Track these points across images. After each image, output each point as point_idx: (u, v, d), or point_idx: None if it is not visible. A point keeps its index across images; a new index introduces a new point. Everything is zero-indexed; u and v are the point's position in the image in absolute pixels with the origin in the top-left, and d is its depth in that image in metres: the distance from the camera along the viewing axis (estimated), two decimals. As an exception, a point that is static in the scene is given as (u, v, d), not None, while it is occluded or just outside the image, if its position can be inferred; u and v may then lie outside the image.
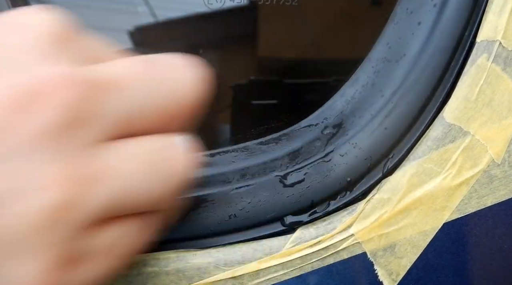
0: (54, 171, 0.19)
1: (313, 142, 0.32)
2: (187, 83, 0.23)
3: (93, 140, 0.20)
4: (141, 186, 0.22)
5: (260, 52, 0.45)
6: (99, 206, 0.21)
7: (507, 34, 0.31)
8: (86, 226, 0.20)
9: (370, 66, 0.33)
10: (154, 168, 0.22)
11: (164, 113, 0.23)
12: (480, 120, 0.31)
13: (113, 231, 0.22)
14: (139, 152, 0.22)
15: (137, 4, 0.43)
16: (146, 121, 0.22)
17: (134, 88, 0.22)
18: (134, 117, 0.22)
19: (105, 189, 0.21)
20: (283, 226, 0.31)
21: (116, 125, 0.21)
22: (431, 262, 0.31)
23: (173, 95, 0.23)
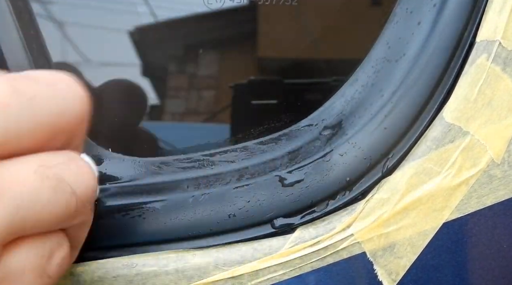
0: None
1: (312, 142, 0.32)
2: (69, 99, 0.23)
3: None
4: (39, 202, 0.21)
5: (260, 52, 0.45)
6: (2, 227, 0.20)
7: (506, 34, 0.31)
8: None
9: (370, 66, 0.33)
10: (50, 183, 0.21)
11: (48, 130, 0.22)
12: (479, 120, 0.31)
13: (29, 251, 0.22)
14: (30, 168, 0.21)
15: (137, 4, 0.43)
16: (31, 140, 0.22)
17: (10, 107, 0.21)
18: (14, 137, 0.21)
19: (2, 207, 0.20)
20: (272, 228, 0.31)
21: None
22: (431, 262, 0.31)
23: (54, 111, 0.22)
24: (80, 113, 0.23)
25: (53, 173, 0.22)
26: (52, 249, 0.23)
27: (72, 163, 0.23)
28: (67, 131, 0.23)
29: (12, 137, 0.21)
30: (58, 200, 0.22)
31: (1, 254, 0.21)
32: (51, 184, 0.21)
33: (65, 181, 0.22)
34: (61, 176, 0.22)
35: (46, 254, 0.22)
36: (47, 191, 0.21)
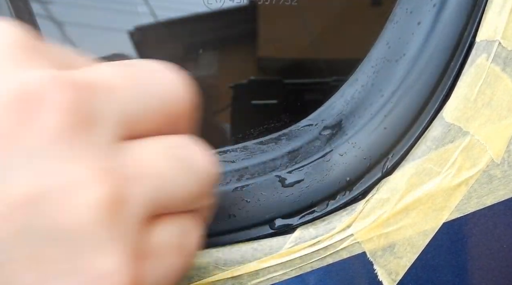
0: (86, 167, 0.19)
1: (312, 142, 0.33)
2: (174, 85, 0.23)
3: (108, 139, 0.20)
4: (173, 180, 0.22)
5: (260, 52, 0.45)
6: (145, 201, 0.20)
7: (506, 34, 0.31)
8: (141, 220, 0.20)
9: (370, 66, 0.33)
10: (180, 163, 0.22)
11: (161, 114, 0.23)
12: (479, 120, 0.31)
13: (167, 228, 0.22)
14: (160, 148, 0.22)
15: (137, 4, 0.43)
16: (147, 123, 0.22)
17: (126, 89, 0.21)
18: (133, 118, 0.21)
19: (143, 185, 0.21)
20: (271, 229, 0.31)
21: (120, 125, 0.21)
22: (431, 262, 0.31)
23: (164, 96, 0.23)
24: (186, 100, 0.24)
25: (180, 153, 0.22)
26: (190, 228, 0.23)
27: (191, 146, 0.23)
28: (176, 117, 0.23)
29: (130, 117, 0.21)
30: (189, 179, 0.22)
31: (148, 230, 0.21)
32: (181, 164, 0.22)
33: (191, 161, 0.23)
34: (187, 156, 0.23)
35: (186, 232, 0.23)
36: (178, 171, 0.22)
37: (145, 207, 0.21)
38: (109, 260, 0.19)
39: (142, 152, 0.21)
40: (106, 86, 0.21)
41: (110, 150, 0.20)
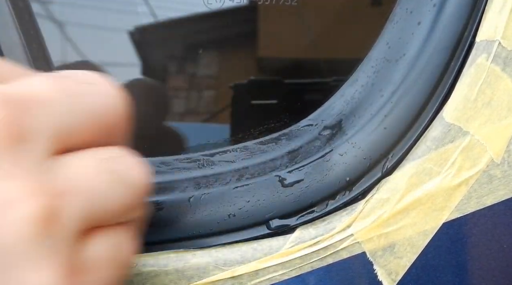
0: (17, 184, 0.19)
1: (312, 142, 0.32)
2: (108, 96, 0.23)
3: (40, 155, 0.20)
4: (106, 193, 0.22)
5: (260, 52, 0.45)
6: (78, 216, 0.20)
7: (506, 34, 0.31)
8: (74, 235, 0.20)
9: (369, 66, 0.33)
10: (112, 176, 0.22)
11: (95, 126, 0.23)
12: (479, 120, 0.31)
13: (101, 242, 0.22)
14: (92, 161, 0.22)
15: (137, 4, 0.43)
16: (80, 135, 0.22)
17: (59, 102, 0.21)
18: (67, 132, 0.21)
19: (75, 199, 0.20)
20: (268, 229, 0.31)
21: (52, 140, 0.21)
22: (431, 262, 0.31)
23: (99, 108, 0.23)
24: (120, 111, 0.24)
25: (112, 166, 0.22)
26: (123, 240, 0.23)
27: (124, 157, 0.23)
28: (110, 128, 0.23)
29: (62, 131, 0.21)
30: (121, 191, 0.22)
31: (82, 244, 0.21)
32: (113, 177, 0.22)
33: (123, 173, 0.23)
34: (119, 169, 0.23)
35: (119, 244, 0.23)
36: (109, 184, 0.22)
37: (78, 221, 0.21)
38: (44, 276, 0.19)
39: (74, 166, 0.21)
40: (39, 100, 0.21)
41: (42, 165, 0.20)
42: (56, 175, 0.20)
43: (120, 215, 0.23)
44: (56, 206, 0.20)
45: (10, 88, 0.21)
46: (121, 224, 0.23)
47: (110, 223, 0.23)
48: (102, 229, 0.22)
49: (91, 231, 0.22)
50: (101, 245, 0.22)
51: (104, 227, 0.23)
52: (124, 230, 0.24)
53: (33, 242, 0.19)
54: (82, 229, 0.21)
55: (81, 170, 0.21)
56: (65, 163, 0.21)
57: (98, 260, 0.22)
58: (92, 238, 0.22)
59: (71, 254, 0.20)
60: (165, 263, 0.30)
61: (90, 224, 0.21)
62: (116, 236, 0.23)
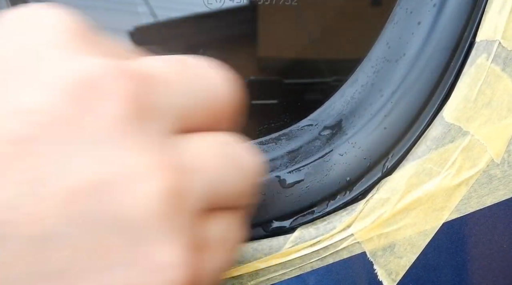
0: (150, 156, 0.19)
1: (312, 142, 0.32)
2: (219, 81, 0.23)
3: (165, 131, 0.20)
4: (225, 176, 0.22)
5: (260, 52, 0.45)
6: (201, 195, 0.21)
7: (506, 34, 0.31)
8: (197, 212, 0.21)
9: (369, 66, 0.33)
10: (230, 159, 0.22)
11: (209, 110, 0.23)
12: (479, 120, 0.31)
13: (219, 222, 0.22)
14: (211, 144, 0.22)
15: (137, 4, 0.43)
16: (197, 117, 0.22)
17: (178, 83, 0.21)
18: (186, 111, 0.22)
19: (200, 175, 0.21)
20: (265, 231, 0.31)
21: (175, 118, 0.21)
22: (431, 262, 0.31)
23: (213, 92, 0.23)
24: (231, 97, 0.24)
25: (230, 150, 0.23)
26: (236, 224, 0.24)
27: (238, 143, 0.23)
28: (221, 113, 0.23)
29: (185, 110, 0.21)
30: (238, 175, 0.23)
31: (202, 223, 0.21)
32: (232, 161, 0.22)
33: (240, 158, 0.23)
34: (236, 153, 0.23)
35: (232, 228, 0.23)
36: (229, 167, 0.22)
37: (201, 200, 0.21)
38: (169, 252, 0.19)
39: (196, 146, 0.21)
40: (161, 79, 0.21)
41: (168, 141, 0.20)
42: (181, 153, 0.20)
43: (235, 199, 0.23)
44: (183, 183, 0.20)
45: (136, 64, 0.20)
46: (233, 209, 0.24)
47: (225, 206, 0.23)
48: (218, 211, 0.23)
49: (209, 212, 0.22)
50: (217, 226, 0.22)
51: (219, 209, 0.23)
52: (236, 215, 0.24)
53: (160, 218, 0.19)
54: (204, 208, 0.21)
55: (204, 151, 0.21)
56: (187, 142, 0.21)
57: (214, 241, 0.22)
58: (209, 219, 0.22)
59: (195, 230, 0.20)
60: (165, 263, 0.30)
61: (210, 204, 0.22)
62: (230, 219, 0.23)
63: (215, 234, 0.22)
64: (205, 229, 0.22)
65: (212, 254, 0.22)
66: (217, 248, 0.22)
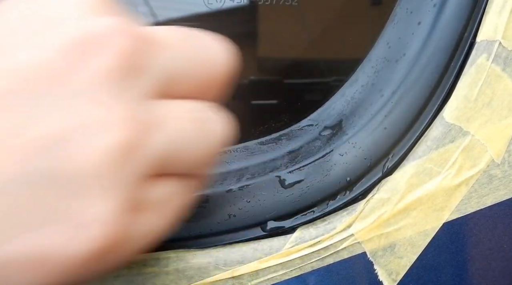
0: (116, 112, 0.20)
1: (312, 142, 0.32)
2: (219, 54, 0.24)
3: (146, 91, 0.21)
4: (189, 141, 0.22)
5: (260, 52, 0.45)
6: (155, 155, 0.21)
7: (507, 34, 0.31)
8: (145, 173, 0.21)
9: (370, 66, 0.33)
10: (200, 126, 0.23)
11: (201, 79, 0.24)
12: (480, 120, 0.31)
13: (165, 187, 0.23)
14: (186, 109, 0.23)
15: (137, 4, 0.43)
16: (186, 84, 0.23)
17: (177, 49, 0.23)
18: (176, 77, 0.23)
19: (160, 138, 0.21)
20: (263, 231, 0.31)
21: (163, 81, 0.22)
22: (431, 262, 0.31)
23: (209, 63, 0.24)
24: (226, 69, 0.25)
25: (202, 117, 0.23)
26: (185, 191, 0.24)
27: (215, 112, 0.24)
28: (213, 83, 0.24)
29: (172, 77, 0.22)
30: (203, 142, 0.23)
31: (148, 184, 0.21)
32: (200, 127, 0.23)
33: (210, 126, 0.23)
34: (208, 121, 0.23)
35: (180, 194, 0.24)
36: (195, 133, 0.23)
37: (155, 160, 0.21)
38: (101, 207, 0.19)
39: (169, 109, 0.22)
40: (161, 43, 0.22)
41: (144, 101, 0.21)
42: (151, 113, 0.21)
43: (193, 166, 0.23)
44: (139, 141, 0.20)
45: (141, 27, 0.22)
46: (189, 176, 0.24)
47: (181, 172, 0.23)
48: (169, 176, 0.23)
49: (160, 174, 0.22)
50: (163, 190, 0.23)
51: (173, 174, 0.23)
52: (187, 182, 0.24)
53: (105, 171, 0.19)
54: (155, 170, 0.21)
55: (174, 114, 0.22)
56: (163, 105, 0.22)
57: (156, 203, 0.22)
58: (158, 181, 0.22)
59: (137, 190, 0.21)
60: (166, 263, 0.30)
61: (164, 167, 0.22)
62: (179, 186, 0.23)
63: (159, 196, 0.22)
64: (150, 190, 0.22)
65: (149, 217, 0.22)
66: (156, 211, 0.22)
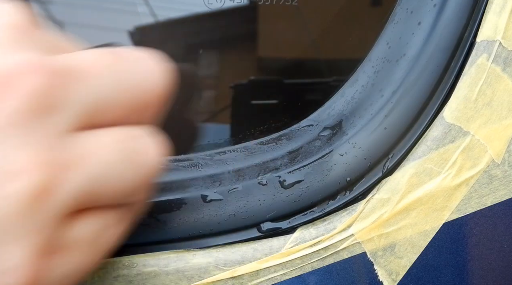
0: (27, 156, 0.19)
1: (312, 142, 0.32)
2: (153, 76, 0.23)
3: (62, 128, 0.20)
4: (114, 174, 0.22)
5: (260, 52, 0.45)
6: (74, 194, 0.20)
7: (507, 34, 0.31)
8: (63, 214, 0.20)
9: (370, 66, 0.33)
10: (126, 157, 0.22)
11: (130, 104, 0.23)
12: (480, 120, 0.31)
13: (89, 223, 0.22)
14: (110, 140, 0.22)
15: (137, 4, 0.43)
16: (113, 112, 0.22)
17: (101, 78, 0.21)
18: (101, 107, 0.22)
19: (78, 175, 0.20)
20: (259, 232, 0.30)
21: (83, 114, 0.21)
22: (431, 262, 0.31)
23: (139, 86, 0.23)
24: (159, 91, 0.24)
25: (129, 147, 0.22)
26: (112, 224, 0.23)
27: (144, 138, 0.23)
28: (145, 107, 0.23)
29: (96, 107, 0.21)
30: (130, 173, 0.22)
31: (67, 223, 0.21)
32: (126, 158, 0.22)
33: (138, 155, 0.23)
34: (135, 150, 0.23)
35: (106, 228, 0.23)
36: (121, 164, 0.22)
37: (73, 199, 0.20)
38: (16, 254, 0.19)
39: (90, 143, 0.21)
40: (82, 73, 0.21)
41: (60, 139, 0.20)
42: (69, 149, 0.20)
43: (121, 196, 0.23)
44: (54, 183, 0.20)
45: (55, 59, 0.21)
46: (117, 206, 0.23)
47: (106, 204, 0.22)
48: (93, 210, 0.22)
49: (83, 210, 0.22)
50: (86, 227, 0.22)
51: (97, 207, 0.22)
52: (117, 213, 0.23)
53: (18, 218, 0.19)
54: (75, 207, 0.21)
55: (95, 147, 0.21)
56: (83, 138, 0.21)
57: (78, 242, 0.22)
58: (80, 218, 0.22)
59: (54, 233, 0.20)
60: (166, 263, 0.30)
61: (85, 203, 0.21)
62: (107, 219, 0.23)
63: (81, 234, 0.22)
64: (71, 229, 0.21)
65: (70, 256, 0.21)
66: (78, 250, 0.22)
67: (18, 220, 0.19)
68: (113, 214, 0.23)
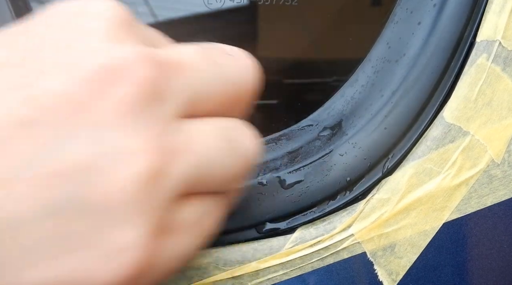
0: (140, 140, 0.20)
1: (312, 142, 0.32)
2: (247, 72, 0.25)
3: (170, 116, 0.21)
4: (216, 160, 0.22)
5: (260, 52, 0.45)
6: (183, 177, 0.21)
7: (507, 34, 0.31)
8: (173, 197, 0.21)
9: (370, 66, 0.33)
10: (227, 144, 0.23)
11: (226, 97, 0.24)
12: (480, 120, 0.31)
13: (195, 207, 0.23)
14: (213, 128, 0.23)
15: (137, 4, 0.43)
16: (211, 103, 0.23)
17: (200, 70, 0.23)
18: (200, 98, 0.23)
19: (187, 160, 0.21)
20: (259, 233, 0.31)
21: (186, 104, 0.22)
22: (431, 262, 0.31)
23: (235, 81, 0.24)
24: (251, 86, 0.25)
25: (231, 135, 0.23)
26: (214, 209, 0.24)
27: (242, 129, 0.24)
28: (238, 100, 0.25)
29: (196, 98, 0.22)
30: (231, 161, 0.23)
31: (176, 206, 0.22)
32: (229, 146, 0.23)
33: (239, 144, 0.24)
34: (236, 139, 0.24)
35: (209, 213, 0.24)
36: (224, 152, 0.23)
37: (182, 183, 0.21)
38: (130, 234, 0.20)
39: (194, 130, 0.22)
40: (183, 66, 0.22)
41: (169, 126, 0.21)
42: (177, 136, 0.21)
43: (222, 184, 0.23)
44: (166, 166, 0.20)
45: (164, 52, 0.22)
46: (218, 193, 0.24)
47: (210, 190, 0.23)
48: (199, 195, 0.23)
49: (188, 195, 0.22)
50: (193, 210, 0.23)
51: (202, 193, 0.23)
52: (219, 200, 0.24)
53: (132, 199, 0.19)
54: (183, 191, 0.22)
55: (200, 135, 0.22)
56: (187, 126, 0.22)
57: (186, 225, 0.22)
58: (188, 201, 0.22)
59: (165, 215, 0.21)
60: (166, 263, 0.30)
61: (192, 188, 0.22)
62: (209, 205, 0.24)
63: (190, 217, 0.23)
64: (180, 212, 0.22)
65: (179, 238, 0.22)
66: (186, 233, 0.22)
67: (133, 201, 0.19)
68: (214, 200, 0.24)
